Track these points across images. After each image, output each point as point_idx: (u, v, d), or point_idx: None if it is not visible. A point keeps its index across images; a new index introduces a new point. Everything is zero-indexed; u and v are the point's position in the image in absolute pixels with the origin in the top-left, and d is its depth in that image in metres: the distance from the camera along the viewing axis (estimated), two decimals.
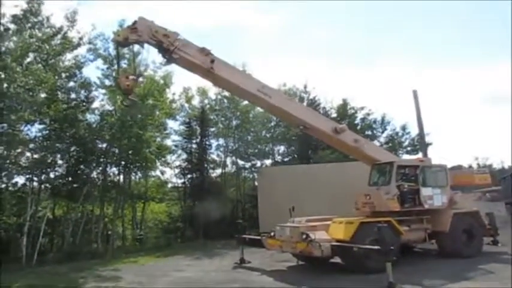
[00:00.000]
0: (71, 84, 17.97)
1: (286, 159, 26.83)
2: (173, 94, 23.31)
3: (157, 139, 20.71)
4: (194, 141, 23.97)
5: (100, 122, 18.63)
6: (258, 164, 26.05)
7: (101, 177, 19.55)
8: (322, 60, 66.29)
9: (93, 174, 19.43)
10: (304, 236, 9.77)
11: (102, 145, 18.90)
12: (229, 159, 26.22)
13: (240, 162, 26.21)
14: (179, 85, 35.27)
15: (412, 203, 11.19)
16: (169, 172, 24.79)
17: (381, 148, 17.44)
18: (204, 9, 64.00)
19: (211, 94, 25.09)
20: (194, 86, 25.38)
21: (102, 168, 19.40)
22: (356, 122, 27.65)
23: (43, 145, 16.75)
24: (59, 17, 27.85)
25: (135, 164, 20.01)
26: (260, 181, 21.81)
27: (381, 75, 67.13)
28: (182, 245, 19.33)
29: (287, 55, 65.41)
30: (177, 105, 24.26)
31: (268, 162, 26.90)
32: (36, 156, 16.53)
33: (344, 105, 28.29)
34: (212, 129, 25.02)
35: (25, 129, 16.10)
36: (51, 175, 17.95)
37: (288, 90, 26.97)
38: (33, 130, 16.80)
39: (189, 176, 23.82)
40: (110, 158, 19.15)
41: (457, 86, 78.71)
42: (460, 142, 70.24)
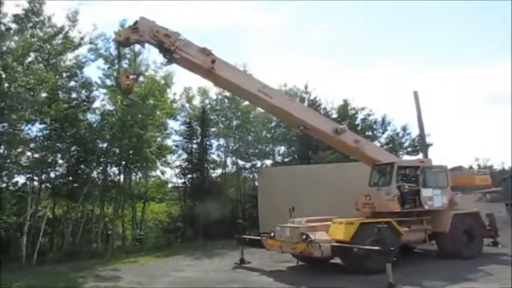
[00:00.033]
0: (72, 83, 18.05)
1: (286, 159, 26.80)
2: (174, 94, 23.40)
3: (157, 139, 20.73)
4: (195, 141, 23.95)
5: (101, 122, 18.68)
6: (258, 164, 26.06)
7: (101, 177, 19.57)
8: (322, 60, 66.39)
9: (93, 174, 19.48)
10: (304, 237, 9.76)
11: (102, 145, 18.93)
12: (229, 159, 26.27)
13: (241, 162, 26.24)
14: (180, 85, 35.31)
15: (413, 204, 11.18)
16: (169, 172, 24.79)
17: (382, 149, 17.41)
18: (205, 9, 64.12)
19: (212, 94, 25.18)
20: (195, 86, 25.48)
21: (102, 168, 19.43)
22: (357, 123, 27.58)
23: (44, 145, 16.78)
24: (61, 17, 27.99)
25: (136, 164, 20.03)
26: (260, 181, 21.79)
27: (381, 75, 67.25)
28: (182, 245, 19.31)
29: (287, 55, 65.52)
30: (178, 105, 24.30)
31: (268, 162, 26.93)
32: (36, 155, 16.57)
33: (345, 105, 28.25)
34: (213, 129, 25.01)
35: (26, 128, 16.18)
36: (51, 175, 17.99)
37: (289, 90, 26.97)
38: (33, 129, 16.88)
39: (190, 176, 23.80)
40: (111, 158, 19.18)
41: (457, 87, 78.84)
42: (461, 143, 70.36)
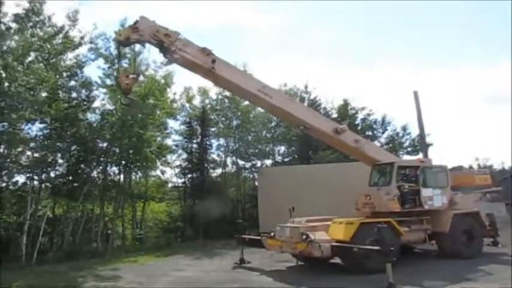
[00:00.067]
0: (72, 83, 18.05)
1: (286, 159, 26.81)
2: (174, 94, 23.43)
3: (157, 139, 20.74)
4: (195, 141, 23.96)
5: (101, 121, 18.68)
6: (258, 164, 26.06)
7: (101, 176, 19.58)
8: (322, 60, 66.38)
9: (93, 173, 19.48)
10: (304, 237, 9.76)
11: (102, 144, 18.93)
12: (229, 159, 26.27)
13: (241, 162, 26.25)
14: (180, 85, 35.36)
15: (413, 204, 11.18)
16: (169, 172, 24.82)
17: (382, 149, 17.41)
18: (205, 9, 64.19)
19: (212, 94, 25.20)
20: (195, 86, 25.50)
21: (102, 167, 19.43)
22: (357, 123, 27.59)
23: (44, 144, 16.78)
24: (61, 17, 27.92)
25: (136, 164, 20.02)
26: (260, 181, 21.79)
27: (381, 75, 67.24)
28: (182, 245, 19.31)
29: (287, 55, 65.51)
30: (178, 105, 24.31)
31: (268, 162, 26.94)
32: (36, 155, 16.58)
33: (345, 105, 28.25)
34: (213, 129, 25.02)
35: (26, 128, 16.19)
36: (51, 174, 17.99)
37: (289, 90, 26.99)
38: (33, 129, 16.89)
39: (190, 176, 23.80)
40: (111, 158, 19.17)
41: (457, 87, 78.82)
42: (461, 143, 70.32)
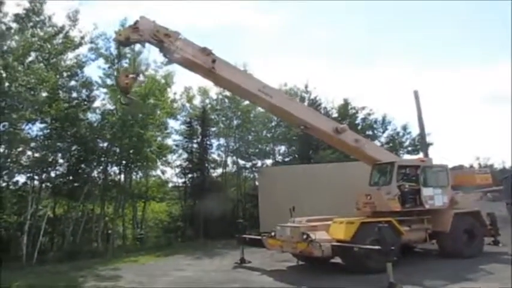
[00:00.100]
0: (73, 83, 18.05)
1: (287, 159, 26.77)
2: (174, 94, 23.39)
3: (158, 138, 20.74)
4: (195, 140, 23.95)
5: (101, 121, 18.69)
6: (259, 164, 26.04)
7: (102, 176, 19.58)
8: (322, 60, 66.42)
9: (94, 173, 19.48)
10: (304, 236, 9.74)
11: (103, 144, 18.93)
12: (230, 158, 26.23)
13: (241, 162, 26.23)
14: (180, 85, 35.21)
15: (413, 203, 11.16)
16: (170, 171, 24.81)
17: (382, 148, 17.40)
18: (205, 9, 64.13)
19: (212, 94, 25.17)
20: (195, 86, 25.45)
21: (103, 167, 19.43)
22: (357, 122, 27.54)
23: (44, 144, 16.78)
24: (61, 17, 27.93)
25: (136, 163, 20.03)
26: (261, 181, 21.76)
27: (382, 75, 67.31)
28: (182, 245, 19.33)
29: (287, 55, 65.54)
30: (178, 104, 24.27)
31: (269, 162, 26.92)
32: (37, 155, 16.60)
33: (345, 105, 28.21)
34: (213, 128, 24.99)
35: (26, 128, 16.19)
36: (52, 174, 18.01)
37: (289, 90, 26.93)
38: (34, 129, 16.88)
39: (190, 176, 23.80)
40: (111, 157, 19.17)
41: (457, 86, 78.86)
42: (461, 142, 70.43)
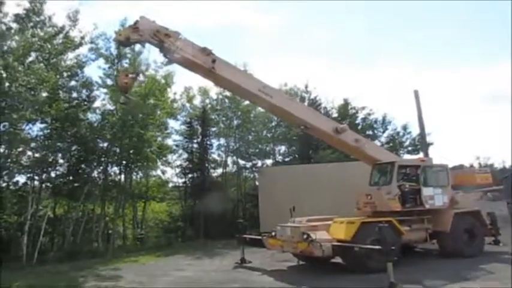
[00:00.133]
0: (73, 83, 18.06)
1: (287, 159, 26.76)
2: (174, 94, 23.39)
3: (158, 139, 20.74)
4: (195, 140, 23.96)
5: (101, 121, 18.69)
6: (259, 164, 26.03)
7: (102, 176, 19.58)
8: (322, 60, 66.28)
9: (94, 173, 19.49)
10: (305, 236, 9.75)
11: (103, 144, 18.93)
12: (230, 158, 26.22)
13: (241, 162, 26.22)
14: (180, 85, 35.11)
15: (413, 203, 11.16)
16: (170, 171, 24.80)
17: (382, 148, 17.41)
18: (205, 9, 64.02)
19: (212, 94, 25.17)
20: (195, 86, 25.45)
21: (103, 167, 19.43)
22: (357, 122, 27.51)
23: (44, 144, 16.77)
24: (61, 17, 27.99)
25: (136, 164, 20.03)
26: (261, 181, 21.75)
27: (382, 75, 67.15)
28: (183, 245, 19.33)
29: (287, 55, 65.42)
30: (178, 104, 24.26)
31: (269, 162, 26.91)
32: (37, 155, 16.59)
33: (345, 105, 28.19)
34: (213, 128, 25.00)
35: (26, 128, 16.18)
36: (52, 174, 18.01)
37: (289, 90, 26.91)
38: (34, 129, 16.88)
39: (190, 176, 23.81)
40: (111, 158, 19.17)
41: (457, 86, 78.78)
42: (461, 142, 70.31)
